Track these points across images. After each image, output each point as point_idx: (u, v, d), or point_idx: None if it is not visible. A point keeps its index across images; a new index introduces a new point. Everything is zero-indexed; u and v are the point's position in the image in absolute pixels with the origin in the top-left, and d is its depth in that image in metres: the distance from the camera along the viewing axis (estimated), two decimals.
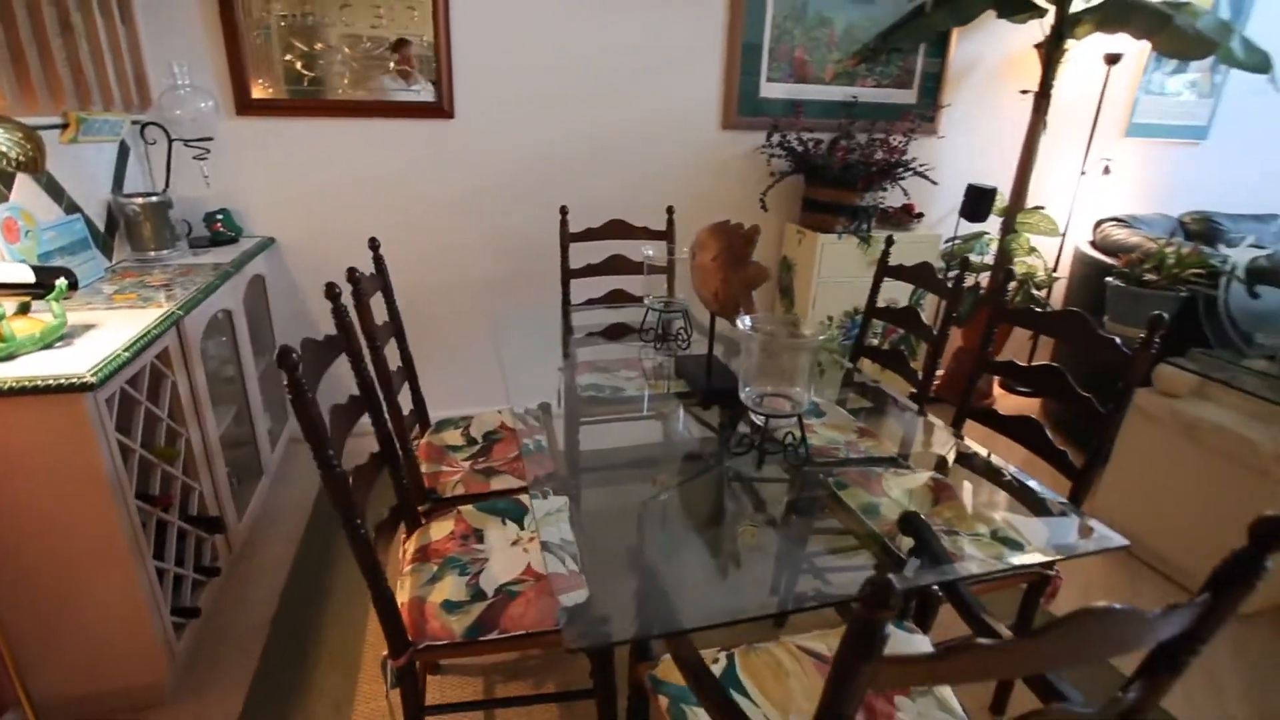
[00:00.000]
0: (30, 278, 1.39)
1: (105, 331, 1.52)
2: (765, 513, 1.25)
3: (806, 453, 1.32)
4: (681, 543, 1.13)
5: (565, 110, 2.62)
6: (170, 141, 2.22)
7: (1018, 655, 0.64)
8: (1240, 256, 2.32)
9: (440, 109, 2.46)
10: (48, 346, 1.42)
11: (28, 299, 1.47)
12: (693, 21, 2.64)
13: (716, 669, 1.16)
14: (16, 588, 1.43)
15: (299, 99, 2.34)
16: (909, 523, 1.19)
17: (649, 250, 1.85)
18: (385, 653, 1.27)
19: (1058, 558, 1.15)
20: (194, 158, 2.26)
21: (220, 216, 2.28)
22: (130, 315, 1.63)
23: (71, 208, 1.91)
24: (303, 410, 1.05)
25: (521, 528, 1.52)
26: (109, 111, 2.03)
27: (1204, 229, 3.20)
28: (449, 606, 1.29)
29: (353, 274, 1.53)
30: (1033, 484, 1.28)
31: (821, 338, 1.31)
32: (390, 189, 2.56)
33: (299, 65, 2.31)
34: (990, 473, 1.36)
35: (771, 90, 2.78)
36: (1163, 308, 2.16)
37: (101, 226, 2.07)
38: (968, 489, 1.31)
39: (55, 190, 1.86)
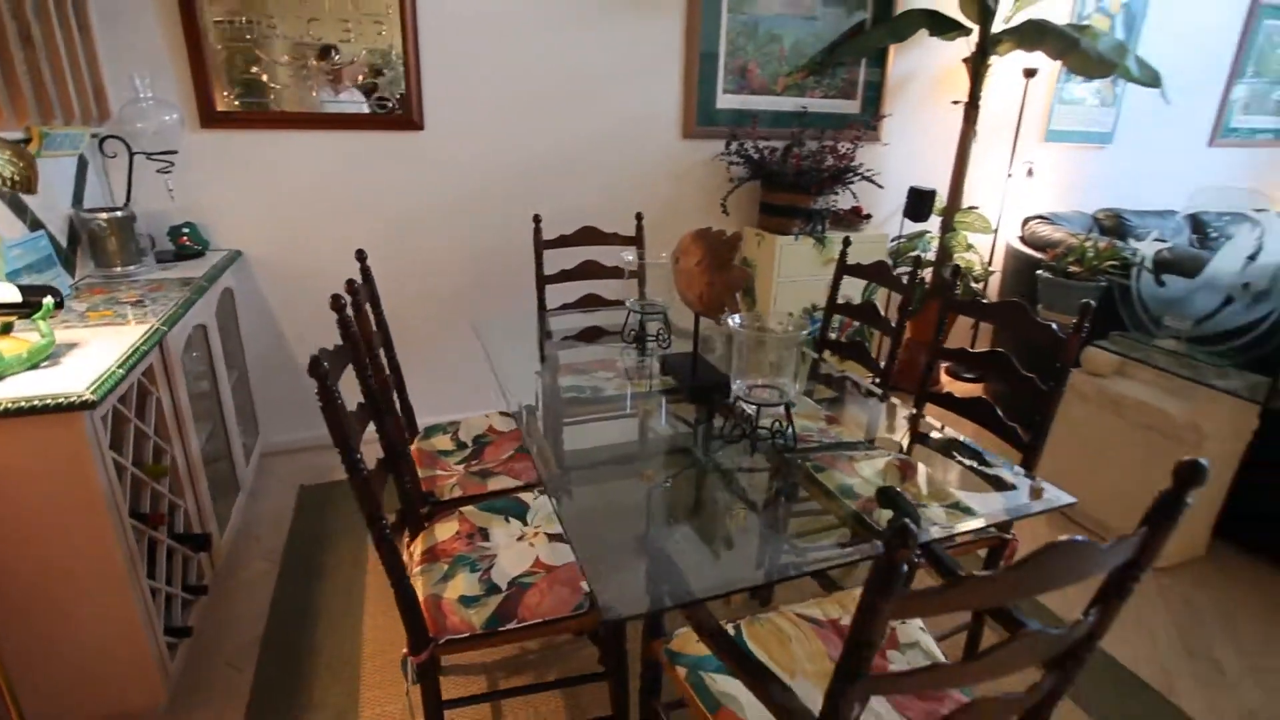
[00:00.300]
0: (17, 297, 1.38)
1: (89, 349, 1.51)
2: (753, 497, 1.37)
3: (794, 438, 1.45)
4: (682, 527, 1.23)
5: (533, 121, 2.70)
6: (131, 155, 2.18)
7: (1007, 583, 0.76)
8: (1147, 249, 2.60)
9: (410, 121, 2.49)
10: (34, 367, 1.41)
11: (12, 319, 1.45)
12: (653, 37, 2.76)
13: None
14: (12, 608, 1.41)
15: (265, 112, 2.34)
16: (886, 496, 1.33)
17: (628, 255, 1.95)
18: (405, 651, 1.33)
19: (1018, 516, 1.31)
20: (158, 171, 2.22)
21: (186, 230, 2.25)
22: (111, 332, 1.62)
23: (35, 224, 1.87)
24: (333, 416, 1.11)
25: (525, 524, 1.59)
26: (70, 125, 1.99)
27: (1115, 224, 3.53)
28: (466, 601, 1.35)
29: (351, 285, 1.57)
30: (990, 456, 1.45)
31: (804, 333, 1.44)
32: (360, 201, 2.58)
33: (265, 78, 2.31)
34: (951, 448, 1.52)
35: (727, 101, 2.93)
36: (1086, 296, 2.39)
37: (64, 242, 2.02)
38: (932, 464, 1.46)
39: (19, 206, 1.81)
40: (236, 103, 2.30)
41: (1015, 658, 0.81)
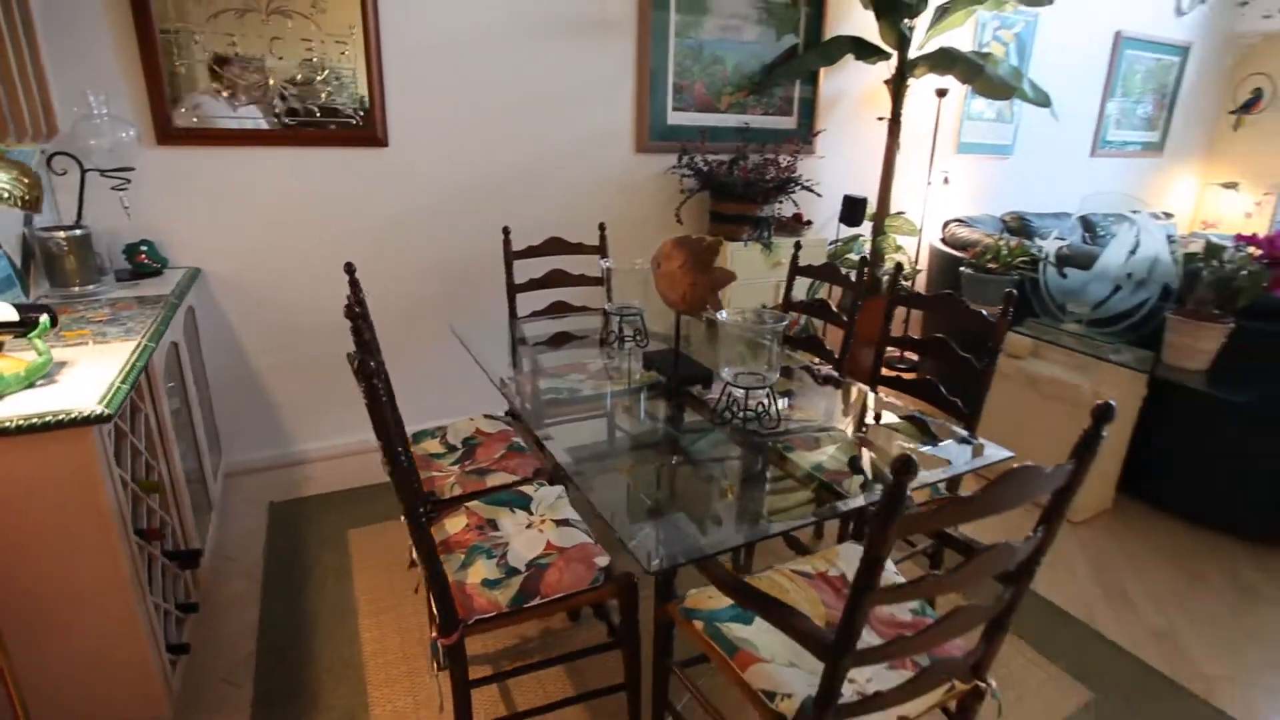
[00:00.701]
0: (14, 315, 1.39)
1: (79, 368, 1.52)
2: (740, 472, 1.55)
3: (778, 415, 1.64)
4: (687, 499, 1.40)
5: (495, 138, 2.82)
6: (84, 172, 2.16)
7: (982, 502, 0.97)
8: (1050, 247, 2.99)
9: (374, 137, 2.57)
10: (30, 385, 1.42)
11: (5, 338, 1.46)
12: (606, 59, 2.94)
13: (730, 600, 1.44)
14: (23, 623, 1.41)
15: (225, 129, 2.36)
16: (855, 464, 1.55)
17: (605, 263, 2.11)
18: (433, 635, 1.43)
19: (975, 468, 1.56)
20: (113, 188, 2.21)
21: (144, 248, 2.24)
22: (95, 350, 1.63)
23: None
24: (378, 413, 1.21)
25: (530, 513, 1.71)
26: (21, 143, 1.97)
27: (1020, 226, 3.98)
28: (489, 584, 1.47)
29: (357, 297, 1.66)
30: (939, 423, 1.70)
31: (781, 325, 1.64)
32: (325, 217, 2.62)
33: (225, 95, 2.34)
34: (906, 419, 1.76)
35: (676, 118, 3.15)
36: (1003, 289, 2.74)
37: (18, 262, 1.99)
38: (892, 434, 1.69)
39: None
40: (195, 119, 2.32)
41: (990, 564, 1.03)
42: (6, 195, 1.27)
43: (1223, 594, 2.26)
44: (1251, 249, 2.51)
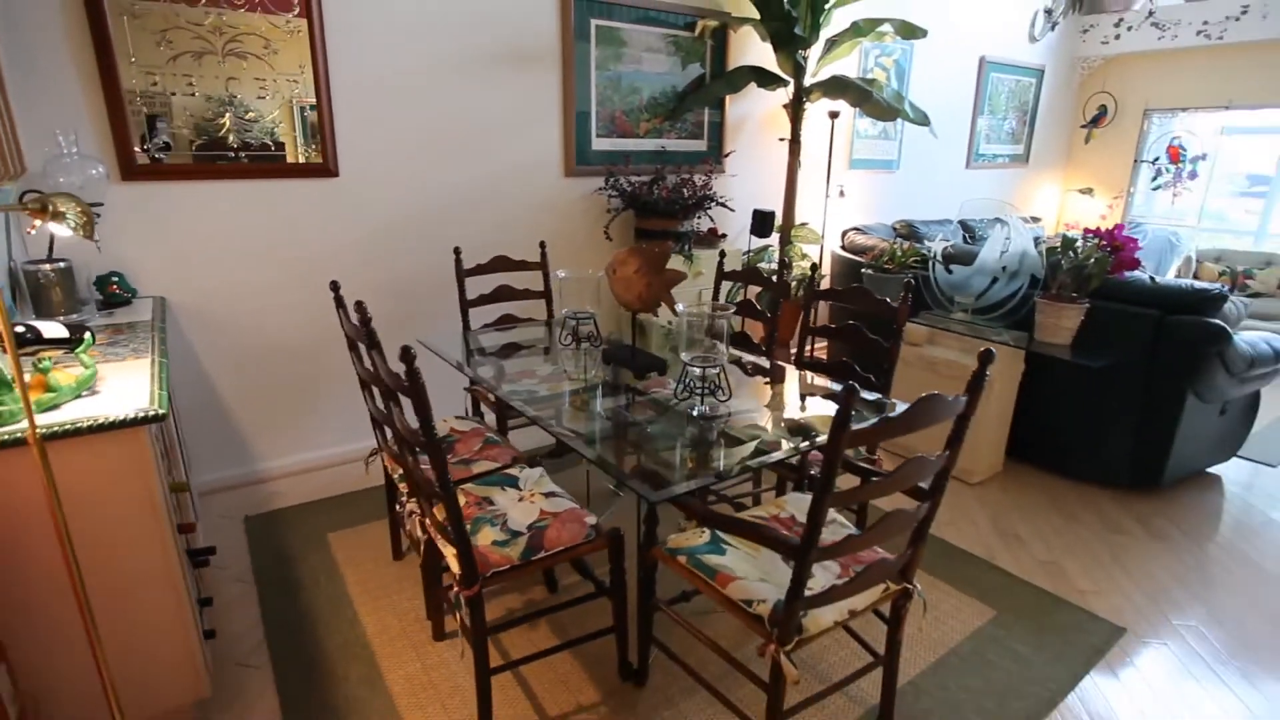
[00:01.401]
0: (65, 333, 1.63)
1: (111, 382, 1.75)
2: (698, 439, 1.96)
3: (730, 390, 2.07)
4: (658, 460, 1.80)
5: (438, 165, 3.16)
6: None
7: (906, 419, 1.41)
8: (937, 247, 3.62)
9: (326, 169, 2.86)
10: (77, 396, 1.66)
11: (59, 353, 1.68)
12: (535, 92, 3.35)
13: (704, 538, 1.83)
14: (97, 608, 1.62)
15: (185, 164, 2.59)
16: (795, 430, 2.00)
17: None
18: (455, 589, 1.74)
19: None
20: (28, 230, 2.39)
21: (115, 279, 2.43)
22: (115, 367, 1.85)
23: None
24: (417, 394, 1.54)
25: (520, 490, 2.05)
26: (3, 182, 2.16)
27: (909, 231, 4.67)
28: (498, 544, 1.80)
29: (363, 312, 1.96)
30: (866, 394, 2.18)
31: (729, 311, 2.08)
32: (282, 245, 2.87)
33: (185, 132, 2.58)
34: (829, 396, 2.23)
35: (601, 144, 3.59)
36: (900, 285, 3.32)
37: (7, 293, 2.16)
38: (817, 405, 2.16)
39: None
40: (158, 156, 2.54)
41: (915, 471, 1.46)
42: (74, 226, 1.52)
43: (1093, 529, 2.86)
44: (1097, 240, 3.19)
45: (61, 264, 2.21)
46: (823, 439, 1.81)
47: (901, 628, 1.79)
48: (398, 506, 2.23)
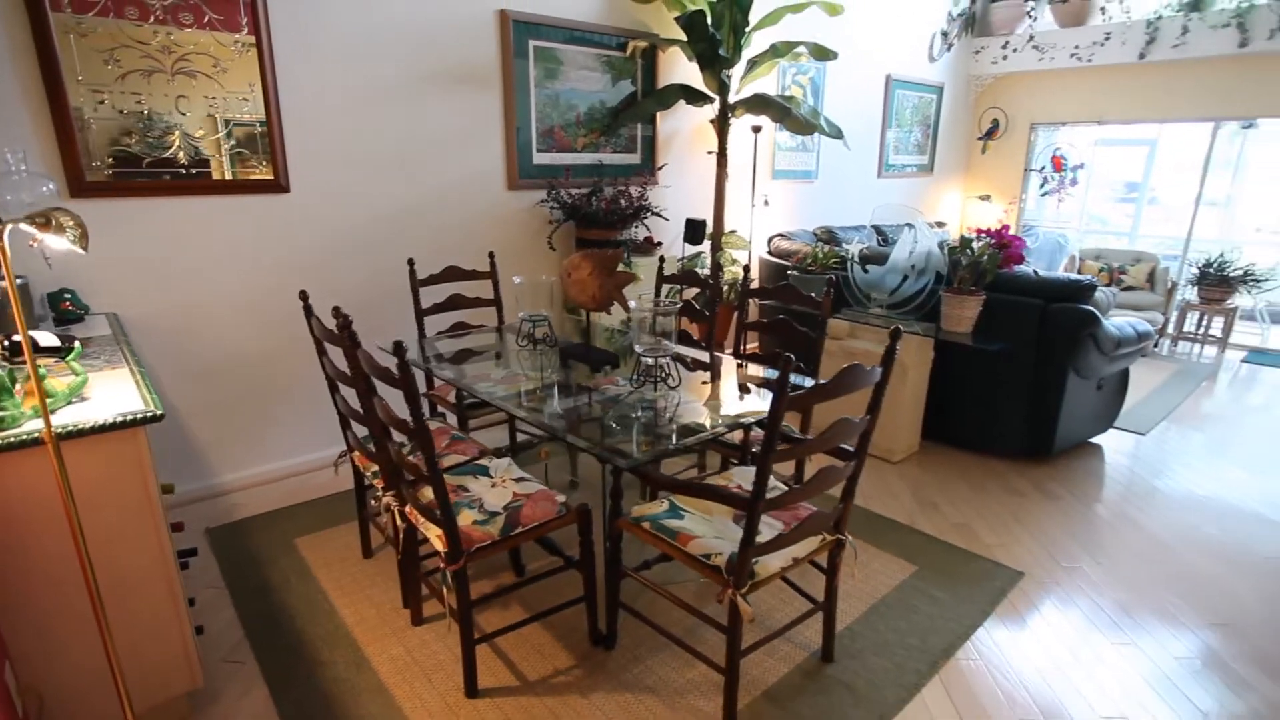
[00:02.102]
0: (57, 342, 1.76)
1: (97, 390, 1.87)
2: (652, 421, 2.24)
3: (680, 377, 2.36)
4: (622, 436, 2.06)
5: (386, 180, 3.33)
6: (4, 225, 2.41)
7: (833, 386, 1.72)
8: (854, 250, 4.04)
9: (277, 184, 2.99)
10: (69, 402, 1.78)
11: (50, 361, 1.80)
12: (478, 109, 3.57)
13: (664, 506, 2.10)
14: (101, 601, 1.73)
15: (135, 180, 2.69)
16: (737, 413, 2.30)
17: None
18: (441, 565, 1.95)
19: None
20: (30, 243, 2.46)
21: (68, 296, 2.50)
22: (97, 377, 1.95)
23: None
24: (408, 385, 1.75)
25: (491, 477, 2.27)
26: None
27: (829, 236, 5.12)
28: (479, 523, 2.02)
29: (344, 320, 2.14)
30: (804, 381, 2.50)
31: (676, 308, 2.37)
32: (234, 260, 2.97)
33: (136, 150, 2.68)
34: (764, 384, 2.55)
35: (541, 159, 3.84)
36: (824, 284, 3.71)
37: None
38: (753, 399, 2.47)
39: None
40: (108, 173, 2.64)
41: (843, 431, 1.77)
42: (74, 239, 1.65)
43: (996, 494, 3.29)
44: (989, 240, 3.67)
45: (19, 281, 2.28)
46: (764, 418, 2.13)
47: (838, 575, 2.11)
48: (373, 501, 2.40)
